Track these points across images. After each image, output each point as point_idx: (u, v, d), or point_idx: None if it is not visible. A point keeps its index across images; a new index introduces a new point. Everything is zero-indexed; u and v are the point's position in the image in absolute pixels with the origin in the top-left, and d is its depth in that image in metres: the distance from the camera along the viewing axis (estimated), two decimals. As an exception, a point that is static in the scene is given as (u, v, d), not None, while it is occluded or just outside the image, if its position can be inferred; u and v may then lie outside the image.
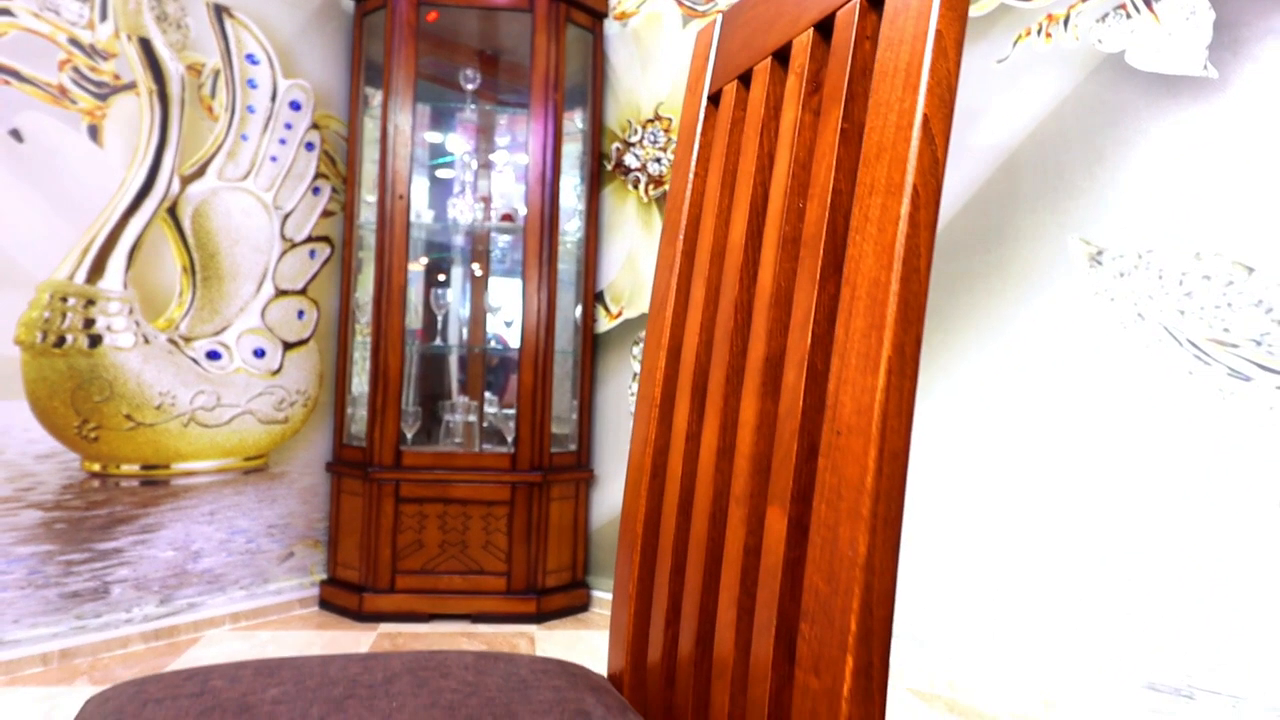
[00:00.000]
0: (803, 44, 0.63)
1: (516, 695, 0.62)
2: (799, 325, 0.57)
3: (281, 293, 2.57)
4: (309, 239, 2.65)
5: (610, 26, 2.84)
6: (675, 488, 0.71)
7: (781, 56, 0.67)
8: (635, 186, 2.79)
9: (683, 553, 0.70)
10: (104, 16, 2.16)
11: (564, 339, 2.81)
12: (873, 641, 0.47)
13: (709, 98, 0.79)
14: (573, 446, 2.78)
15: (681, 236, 0.78)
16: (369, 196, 2.77)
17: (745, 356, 0.65)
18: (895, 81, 0.51)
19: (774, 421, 0.60)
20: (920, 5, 0.50)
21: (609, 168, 2.85)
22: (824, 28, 0.62)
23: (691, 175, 0.78)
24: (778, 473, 0.56)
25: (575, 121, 2.88)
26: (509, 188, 2.94)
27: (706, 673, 0.65)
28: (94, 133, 2.15)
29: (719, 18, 0.79)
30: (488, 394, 2.97)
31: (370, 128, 2.78)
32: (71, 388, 2.11)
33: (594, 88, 2.83)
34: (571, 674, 0.69)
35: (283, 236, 2.57)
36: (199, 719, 0.55)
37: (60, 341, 2.08)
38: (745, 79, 0.73)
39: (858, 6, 0.57)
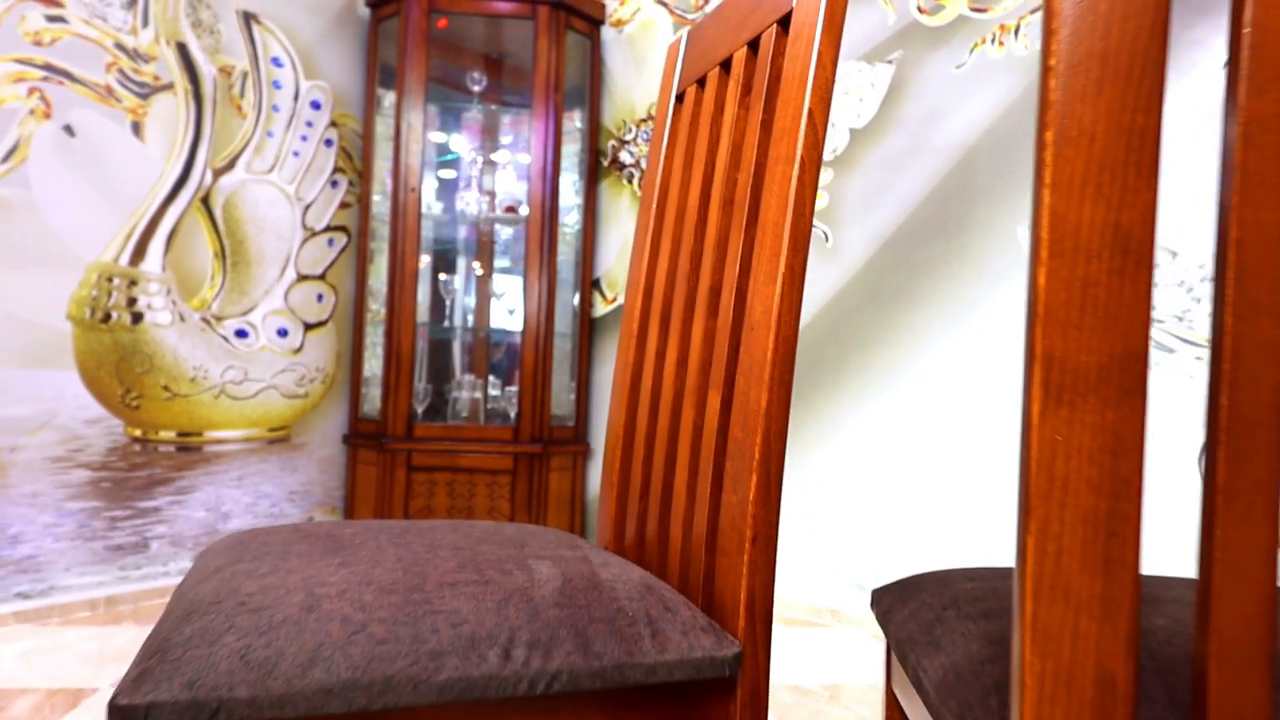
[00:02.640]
0: (740, 57, 0.85)
1: (528, 535, 0.84)
2: (731, 261, 0.79)
3: (303, 277, 2.79)
4: (327, 228, 2.87)
5: (607, 33, 3.06)
6: (647, 394, 0.93)
7: (726, 66, 0.89)
8: (629, 181, 3.01)
9: (651, 442, 0.92)
10: (145, 23, 2.38)
11: (563, 323, 3.03)
12: (770, 465, 0.69)
13: (676, 97, 1.01)
14: (570, 422, 2.99)
15: (654, 204, 1.00)
16: (383, 190, 2.99)
17: (697, 290, 0.87)
18: (792, 85, 0.73)
19: (714, 333, 0.82)
20: (808, 32, 0.72)
21: (605, 164, 3.07)
22: (754, 45, 0.84)
23: (662, 157, 1.00)
24: (715, 366, 0.78)
25: (574, 121, 3.10)
26: (512, 183, 3.16)
27: (666, 526, 0.86)
28: (136, 129, 2.37)
29: (684, 34, 1.01)
30: (491, 377, 3.18)
31: (383, 126, 3.00)
32: (116, 360, 2.32)
33: (592, 89, 3.05)
34: (569, 533, 0.91)
35: (304, 226, 2.79)
36: (300, 542, 0.77)
37: (106, 318, 2.30)
38: (701, 83, 0.95)
39: (774, 31, 0.79)
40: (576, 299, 3.03)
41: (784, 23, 0.78)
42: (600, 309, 3.06)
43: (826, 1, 0.70)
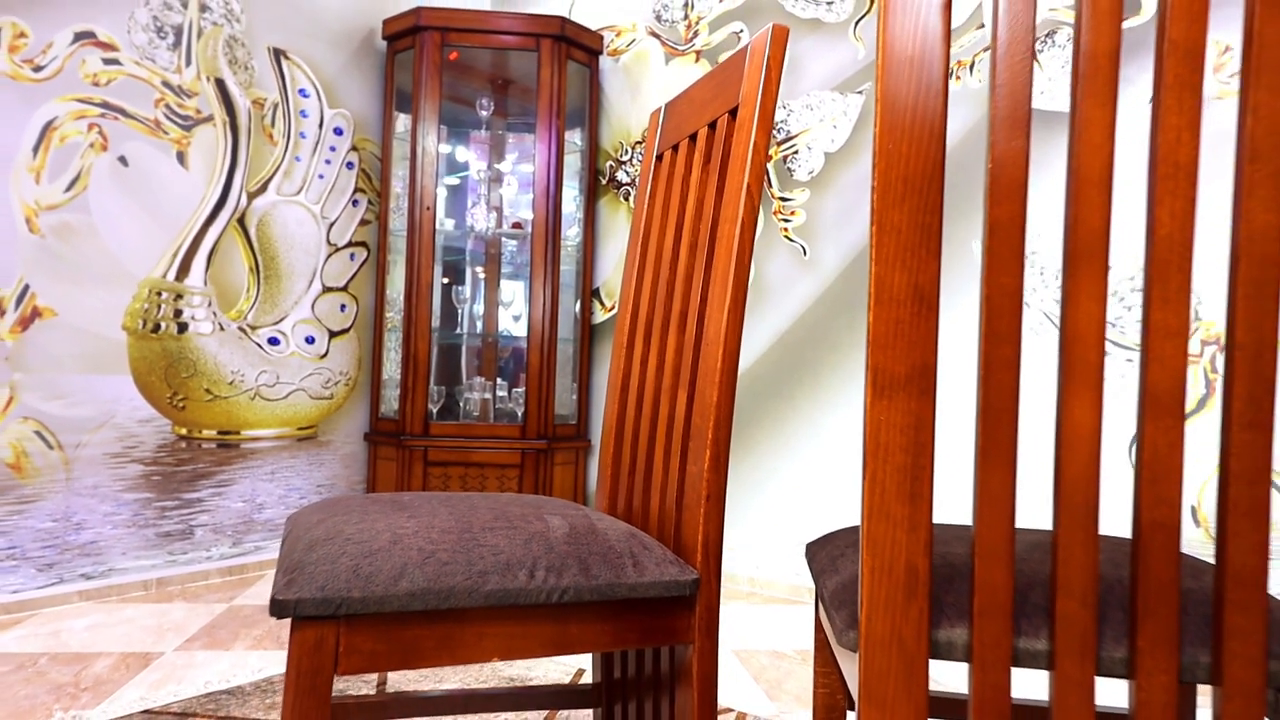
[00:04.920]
0: (702, 133, 1.11)
1: (542, 501, 1.09)
2: (694, 292, 1.04)
3: (327, 289, 3.05)
4: (349, 244, 3.13)
5: (605, 62, 3.32)
6: (634, 392, 1.19)
7: (693, 139, 1.15)
8: (626, 199, 3.26)
9: (637, 429, 1.18)
10: (189, 62, 2.64)
11: (565, 329, 3.29)
12: (719, 444, 0.94)
13: (656, 157, 1.26)
14: (573, 421, 3.25)
15: (640, 243, 1.25)
16: (399, 208, 3.24)
17: (671, 312, 1.13)
18: (737, 163, 0.98)
19: (683, 345, 1.08)
20: (748, 124, 0.97)
21: (604, 182, 3.33)
22: (713, 125, 1.09)
23: (646, 204, 1.26)
24: (683, 371, 1.04)
25: (575, 142, 3.36)
26: (516, 198, 3.41)
27: (647, 493, 1.12)
28: (181, 158, 2.63)
29: (663, 107, 1.26)
30: (499, 379, 3.44)
31: (400, 148, 3.25)
32: (164, 366, 2.58)
33: (591, 114, 3.30)
34: (573, 501, 1.16)
35: (328, 242, 3.05)
36: (373, 504, 1.03)
37: (156, 328, 2.56)
38: (675, 148, 1.21)
39: (726, 118, 1.04)
40: (578, 307, 3.29)
41: (733, 113, 1.04)
42: (599, 316, 3.32)
43: (760, 103, 0.96)
